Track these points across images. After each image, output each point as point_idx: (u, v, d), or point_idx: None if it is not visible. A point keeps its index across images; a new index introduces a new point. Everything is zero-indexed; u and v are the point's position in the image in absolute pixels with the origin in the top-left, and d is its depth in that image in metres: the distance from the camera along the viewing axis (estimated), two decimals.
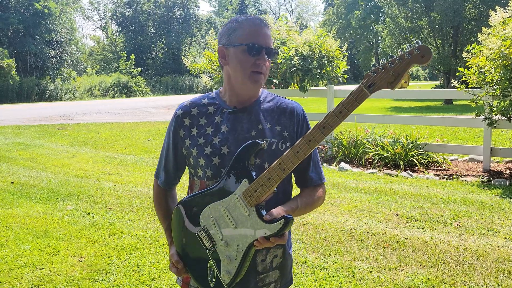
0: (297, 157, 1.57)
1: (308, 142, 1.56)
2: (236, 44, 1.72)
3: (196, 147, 1.77)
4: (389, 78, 1.51)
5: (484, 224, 5.02)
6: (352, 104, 1.52)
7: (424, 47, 1.45)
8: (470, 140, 10.89)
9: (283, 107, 1.82)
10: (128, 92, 39.52)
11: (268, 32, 1.75)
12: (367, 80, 1.52)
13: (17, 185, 7.16)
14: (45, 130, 14.21)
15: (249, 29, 1.72)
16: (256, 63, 1.70)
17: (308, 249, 4.46)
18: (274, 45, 9.87)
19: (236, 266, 1.62)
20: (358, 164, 8.32)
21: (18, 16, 33.55)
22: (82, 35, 77.55)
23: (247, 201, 1.60)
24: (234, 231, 1.63)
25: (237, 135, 1.74)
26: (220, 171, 1.72)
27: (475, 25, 23.73)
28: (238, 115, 1.77)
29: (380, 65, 1.52)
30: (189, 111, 1.82)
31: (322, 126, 1.55)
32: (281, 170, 1.58)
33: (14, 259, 4.32)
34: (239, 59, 1.71)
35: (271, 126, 1.77)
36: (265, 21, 1.76)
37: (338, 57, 9.80)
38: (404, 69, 1.49)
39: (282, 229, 1.56)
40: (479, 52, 6.91)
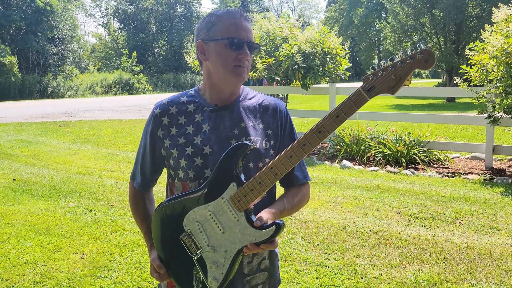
0: (291, 161, 1.51)
1: (303, 146, 1.50)
2: (216, 39, 1.64)
3: (176, 148, 1.68)
4: (390, 82, 1.43)
5: (486, 222, 5.01)
6: (351, 108, 1.45)
7: (428, 51, 1.38)
8: (472, 138, 10.87)
9: (266, 105, 1.76)
10: (130, 89, 39.55)
11: (249, 25, 1.68)
12: (366, 84, 1.45)
13: (19, 182, 7.17)
14: (47, 127, 14.23)
15: (229, 22, 1.65)
16: (238, 57, 1.63)
17: (310, 246, 4.46)
18: (276, 42, 9.92)
19: (224, 272, 1.56)
20: (360, 161, 8.31)
21: (20, 13, 33.56)
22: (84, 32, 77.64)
23: (236, 206, 1.53)
24: (222, 236, 1.56)
25: (219, 134, 1.67)
26: (203, 172, 1.64)
27: (478, 23, 23.67)
28: (220, 113, 1.69)
29: (380, 68, 1.45)
30: (167, 110, 1.73)
31: (317, 131, 1.48)
32: (273, 174, 1.51)
33: (16, 255, 4.33)
34: (220, 54, 1.64)
35: (254, 124, 1.71)
36: (245, 14, 1.69)
37: (340, 55, 9.78)
38: (406, 73, 1.42)
39: (273, 235, 1.50)
40: (482, 49, 6.89)
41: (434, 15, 24.96)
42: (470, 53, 6.99)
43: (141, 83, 40.96)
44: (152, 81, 43.64)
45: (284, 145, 1.72)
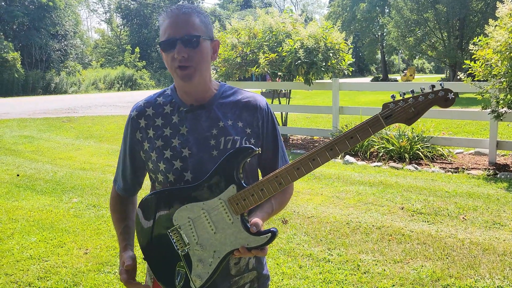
0: (297, 174, 1.50)
1: (312, 161, 1.49)
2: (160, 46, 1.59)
3: (155, 151, 1.63)
4: (408, 114, 1.45)
5: (490, 218, 5.00)
6: (366, 132, 1.45)
7: (450, 90, 1.42)
8: (476, 133, 10.84)
9: (244, 101, 1.68)
10: (133, 85, 39.60)
11: (189, 18, 1.57)
12: (385, 111, 1.46)
13: (22, 177, 7.19)
14: (50, 123, 14.26)
15: (164, 25, 1.58)
16: (174, 57, 1.54)
17: (313, 242, 4.46)
18: (279, 38, 9.90)
19: (210, 272, 1.54)
20: (363, 157, 8.30)
21: (23, 9, 33.59)
22: (87, 28, 77.65)
23: (233, 209, 1.51)
24: (213, 236, 1.53)
25: (197, 135, 1.61)
26: (183, 175, 1.59)
27: (482, 17, 23.59)
28: (196, 113, 1.63)
29: (401, 98, 1.46)
30: (144, 112, 1.67)
31: (329, 148, 1.48)
32: (278, 183, 1.50)
33: (20, 251, 4.34)
34: (164, 60, 1.60)
35: (233, 122, 1.64)
36: (185, 7, 1.59)
37: (343, 50, 9.75)
38: (425, 108, 1.44)
39: (267, 243, 1.49)
40: (486, 44, 6.86)
41: (437, 10, 24.87)
42: (474, 48, 6.96)
43: (144, 78, 41.01)
44: (155, 76, 43.68)
45: (268, 144, 1.70)
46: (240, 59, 10.26)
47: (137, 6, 48.02)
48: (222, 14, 54.42)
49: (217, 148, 1.60)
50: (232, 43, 10.27)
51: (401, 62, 76.45)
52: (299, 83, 9.99)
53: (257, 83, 12.34)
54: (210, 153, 1.59)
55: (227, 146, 1.60)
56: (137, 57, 42.20)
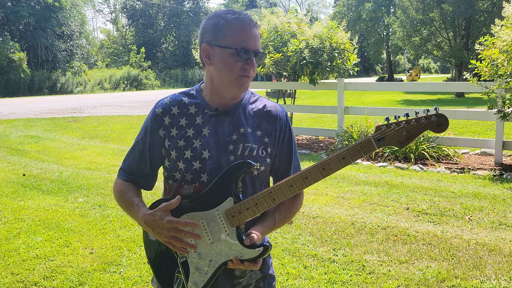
0: (290, 191, 1.53)
1: (305, 179, 1.52)
2: (224, 46, 1.59)
3: (175, 150, 1.66)
4: (400, 137, 1.47)
5: (496, 218, 4.98)
6: (358, 153, 1.49)
7: (443, 116, 1.44)
8: (482, 133, 10.79)
9: (266, 111, 1.72)
10: (138, 85, 39.69)
11: (257, 32, 1.63)
12: (378, 134, 1.49)
13: (29, 177, 7.22)
14: (56, 123, 14.32)
15: (238, 30, 1.59)
16: (244, 67, 1.59)
17: (318, 242, 4.46)
18: (284, 38, 9.90)
19: (205, 280, 1.59)
20: (369, 157, 8.29)
21: (29, 9, 33.74)
22: (92, 28, 77.88)
23: (229, 221, 1.55)
24: (210, 245, 1.58)
25: (218, 138, 1.65)
26: (200, 176, 1.63)
27: (488, 17, 23.45)
28: (220, 117, 1.67)
29: (394, 122, 1.48)
30: (169, 110, 1.70)
31: (322, 167, 1.51)
32: (271, 199, 1.53)
33: (26, 250, 4.36)
34: (225, 62, 1.59)
35: (252, 130, 1.68)
36: (255, 21, 1.64)
37: (348, 50, 9.74)
38: (418, 133, 1.46)
39: (259, 256, 1.53)
40: (492, 44, 6.82)
41: (443, 9, 24.76)
42: (480, 47, 6.93)
43: (149, 78, 41.10)
44: (160, 76, 43.76)
45: (282, 154, 1.74)
46: None
47: (143, 6, 48.12)
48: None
49: (234, 154, 1.64)
50: None
51: (406, 62, 76.22)
52: (304, 83, 9.98)
53: (262, 83, 12.34)
54: (227, 158, 1.63)
55: (244, 153, 1.65)
56: (143, 57, 42.30)
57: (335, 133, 9.26)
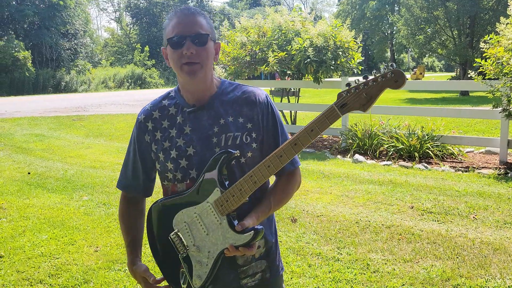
0: (268, 171, 1.56)
1: (279, 157, 1.55)
2: (166, 43, 1.66)
3: (162, 152, 1.72)
4: (361, 100, 1.48)
5: (500, 217, 4.97)
6: (324, 123, 1.51)
7: (398, 71, 1.43)
8: (486, 132, 10.76)
9: (245, 97, 1.73)
10: (142, 83, 39.74)
11: (197, 18, 1.64)
12: (339, 101, 1.50)
13: (34, 175, 7.25)
14: (61, 121, 14.36)
15: (173, 23, 1.64)
16: (183, 54, 1.61)
17: (322, 241, 4.46)
18: (288, 36, 9.88)
19: (207, 271, 1.65)
20: (373, 156, 8.27)
21: (33, 8, 33.83)
22: (96, 27, 77.99)
23: (219, 210, 1.60)
24: (206, 237, 1.64)
25: (200, 134, 1.69)
26: (189, 172, 1.68)
27: (493, 15, 23.34)
28: (198, 113, 1.70)
29: (353, 86, 1.49)
30: (151, 115, 1.77)
31: (293, 143, 1.54)
32: (253, 182, 1.57)
33: (31, 248, 4.38)
34: (171, 57, 1.65)
35: (234, 118, 1.70)
36: (193, 9, 1.67)
37: (352, 48, 9.72)
38: (377, 92, 1.47)
39: (251, 240, 1.57)
40: (497, 42, 6.80)
41: (448, 7, 24.65)
42: (485, 46, 6.91)
43: (153, 77, 41.14)
44: (164, 75, 43.79)
45: (268, 137, 1.75)
46: (249, 57, 10.26)
47: (147, 5, 48.19)
48: (231, 12, 54.45)
49: (219, 145, 1.67)
50: (241, 42, 10.27)
51: (410, 60, 76.02)
52: (308, 81, 9.97)
53: (266, 82, 12.34)
54: (213, 151, 1.66)
55: (228, 142, 1.68)
56: (147, 56, 42.35)
57: (339, 132, 9.25)
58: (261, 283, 1.78)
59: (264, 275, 1.79)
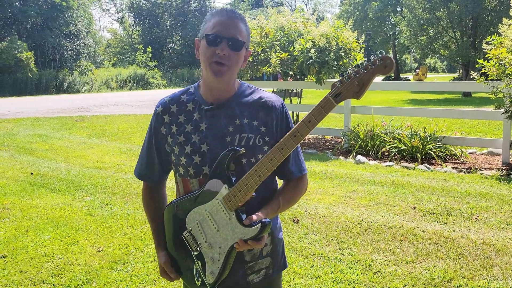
0: (271, 164, 1.61)
1: (281, 150, 1.60)
2: (203, 36, 1.71)
3: (177, 145, 1.77)
4: (354, 88, 1.54)
5: (503, 218, 4.96)
6: (320, 113, 1.56)
7: (387, 57, 1.49)
8: (489, 133, 10.75)
9: (262, 102, 1.79)
10: (145, 84, 39.77)
11: (238, 24, 1.70)
12: (333, 90, 1.56)
13: (36, 176, 7.27)
14: (63, 122, 14.39)
15: (215, 20, 1.69)
16: (216, 53, 1.66)
17: (325, 241, 4.46)
18: (290, 37, 9.89)
19: (219, 266, 1.70)
20: (375, 156, 8.27)
21: (36, 9, 33.88)
22: (99, 27, 78.18)
23: (227, 206, 1.65)
24: (217, 233, 1.69)
25: (215, 132, 1.73)
26: (202, 169, 1.73)
27: (495, 16, 23.30)
28: (216, 112, 1.75)
29: (345, 75, 1.56)
30: (168, 108, 1.81)
31: (293, 135, 1.59)
32: (257, 176, 1.61)
33: (34, 248, 4.40)
34: (203, 51, 1.71)
35: (249, 121, 1.75)
36: (237, 14, 1.72)
37: (355, 49, 9.72)
38: (369, 79, 1.53)
39: (259, 233, 1.61)
40: (500, 43, 6.80)
41: (450, 8, 24.62)
42: (487, 47, 6.90)
43: (155, 78, 41.17)
44: (167, 76, 43.82)
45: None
46: (251, 58, 10.27)
47: (149, 6, 48.23)
48: None
49: (232, 144, 1.72)
50: None
51: (413, 61, 75.93)
52: (311, 82, 9.97)
53: (268, 83, 12.34)
54: (225, 149, 1.70)
55: (241, 143, 1.72)
56: (149, 57, 42.38)
57: (342, 133, 9.25)
58: (264, 279, 1.84)
59: (268, 271, 1.85)
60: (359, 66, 1.54)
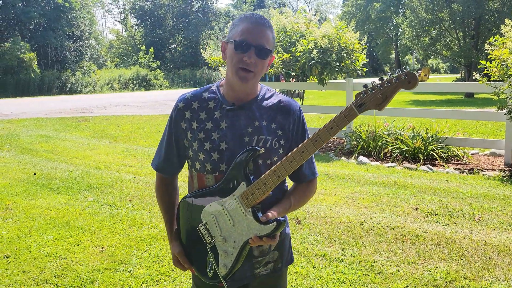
0: (291, 166, 1.68)
1: (301, 153, 1.67)
2: (231, 40, 1.76)
3: (196, 141, 1.82)
4: (377, 100, 1.61)
5: (505, 219, 4.96)
6: (343, 121, 1.63)
7: (411, 73, 1.56)
8: (491, 134, 10.73)
9: (280, 105, 1.86)
10: (147, 85, 39.79)
11: (266, 31, 1.76)
12: (357, 100, 1.63)
13: (39, 176, 7.29)
14: (66, 122, 14.42)
15: (244, 26, 1.74)
16: (243, 59, 1.72)
17: (327, 242, 4.47)
18: (293, 38, 9.90)
19: (232, 260, 1.77)
20: (377, 157, 8.27)
21: (39, 10, 33.95)
22: (101, 28, 78.32)
23: (244, 203, 1.72)
24: (232, 228, 1.76)
25: (235, 131, 1.80)
26: (219, 166, 1.80)
27: (498, 17, 23.26)
28: (236, 112, 1.81)
29: (370, 87, 1.62)
30: (190, 104, 1.86)
31: (314, 140, 1.66)
32: (276, 177, 1.69)
33: (37, 248, 4.41)
34: (230, 55, 1.76)
35: (267, 123, 1.82)
36: (266, 21, 1.77)
37: (357, 50, 9.72)
38: (392, 93, 1.59)
39: (274, 231, 1.69)
40: (502, 44, 6.79)
41: (452, 9, 24.58)
42: (490, 48, 6.90)
43: (158, 79, 41.19)
44: (169, 77, 43.83)
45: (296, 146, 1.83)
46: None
47: (151, 7, 48.27)
48: (236, 14, 54.46)
49: (250, 145, 1.79)
50: None
51: (415, 62, 75.85)
52: (313, 83, 9.97)
53: (270, 83, 12.35)
54: (243, 149, 1.77)
55: (258, 144, 1.80)
56: (151, 58, 42.41)
57: (344, 134, 9.25)
58: (272, 272, 1.92)
59: (276, 265, 1.93)
60: (383, 79, 1.60)
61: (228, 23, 12.78)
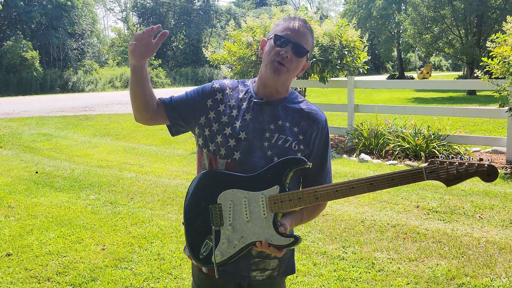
0: (335, 195, 1.67)
1: (351, 188, 1.65)
2: (271, 36, 1.82)
3: (218, 123, 1.83)
4: (449, 176, 1.56)
5: (506, 216, 4.96)
6: (406, 179, 1.60)
7: (494, 168, 1.50)
8: (493, 131, 10.72)
9: (307, 112, 1.87)
10: None
11: (306, 33, 1.81)
12: (430, 167, 1.58)
13: (41, 174, 7.31)
14: (68, 121, 14.44)
15: (286, 25, 1.81)
16: (280, 53, 1.76)
17: (328, 239, 4.47)
18: None
19: (232, 253, 1.72)
20: (379, 155, 8.27)
21: (41, 8, 34.02)
22: (103, 27, 78.28)
23: (270, 206, 1.69)
24: (245, 223, 1.71)
25: (257, 124, 1.81)
26: (233, 153, 1.78)
27: (500, 14, 23.20)
28: (263, 107, 1.83)
29: (448, 160, 1.57)
30: (224, 89, 1.89)
31: (370, 183, 1.63)
32: (315, 198, 1.68)
33: (39, 246, 4.43)
34: (268, 49, 1.81)
35: (290, 125, 1.83)
36: (308, 25, 1.83)
37: (358, 48, 9.71)
38: (467, 176, 1.54)
39: (288, 246, 1.67)
40: (504, 41, 6.77)
41: (454, 6, 24.52)
42: (492, 45, 6.88)
43: (159, 77, 41.23)
44: (171, 75, 43.87)
45: (316, 155, 1.86)
46: (255, 57, 10.27)
47: (153, 5, 48.28)
48: (237, 12, 54.40)
49: (269, 141, 1.79)
50: (247, 41, 10.28)
51: (417, 59, 75.72)
52: (314, 81, 9.97)
53: None
54: (261, 143, 1.79)
55: (278, 142, 1.79)
56: (153, 56, 42.45)
57: (345, 131, 9.25)
58: (268, 279, 1.87)
59: (273, 273, 1.87)
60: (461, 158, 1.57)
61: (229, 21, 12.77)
